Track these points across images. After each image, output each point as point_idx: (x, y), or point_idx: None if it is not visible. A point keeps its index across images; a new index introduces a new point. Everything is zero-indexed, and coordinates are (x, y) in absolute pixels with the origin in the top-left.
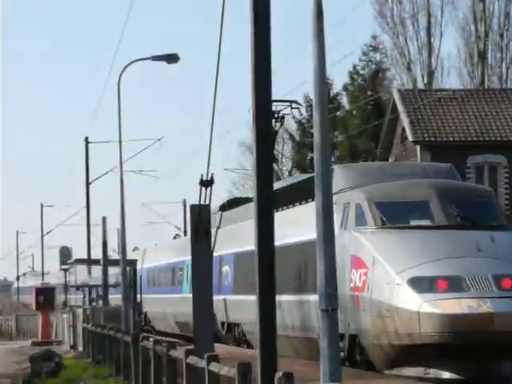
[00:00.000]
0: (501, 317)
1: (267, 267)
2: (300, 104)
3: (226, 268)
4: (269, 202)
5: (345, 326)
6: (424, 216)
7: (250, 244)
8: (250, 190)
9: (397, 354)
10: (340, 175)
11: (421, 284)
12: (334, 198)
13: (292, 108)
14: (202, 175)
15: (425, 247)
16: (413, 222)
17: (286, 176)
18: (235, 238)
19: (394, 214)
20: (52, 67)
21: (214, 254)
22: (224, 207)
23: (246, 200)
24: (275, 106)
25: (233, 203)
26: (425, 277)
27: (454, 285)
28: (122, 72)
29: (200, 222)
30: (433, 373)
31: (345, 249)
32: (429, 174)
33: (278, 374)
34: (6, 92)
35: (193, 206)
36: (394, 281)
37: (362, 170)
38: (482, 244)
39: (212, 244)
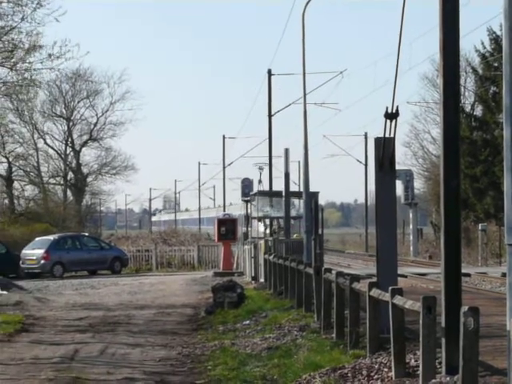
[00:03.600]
0: None
1: (453, 199)
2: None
3: None
4: (456, 131)
5: None
6: None
7: None
8: (431, 122)
9: None
10: None
11: None
12: None
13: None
14: (386, 108)
15: None
16: None
17: (468, 109)
18: None
19: None
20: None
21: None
22: None
23: None
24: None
25: None
26: None
27: None
28: (307, 4)
29: (385, 155)
30: None
31: None
32: None
33: (464, 309)
34: (188, 26)
35: (377, 139)
36: None
37: None
38: None
39: None
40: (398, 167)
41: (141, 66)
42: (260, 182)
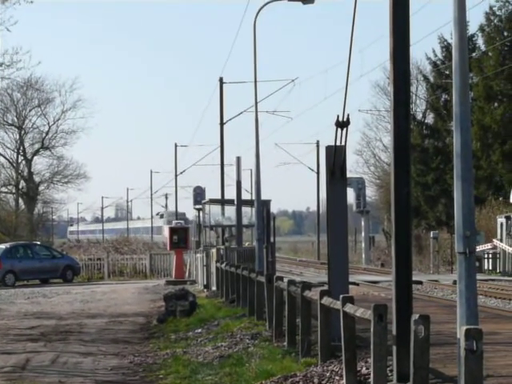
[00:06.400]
0: None
1: (404, 207)
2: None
3: None
4: (406, 139)
5: None
6: None
7: None
8: (383, 130)
9: None
10: None
11: None
12: None
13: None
14: (337, 116)
15: None
16: None
17: (420, 117)
18: None
19: None
20: (187, 9)
21: None
22: None
23: None
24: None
25: None
26: None
27: None
28: (258, 13)
29: (336, 163)
30: None
31: None
32: None
33: (415, 317)
34: (139, 34)
35: (328, 147)
36: None
37: None
38: None
39: None
40: (349, 175)
41: (92, 74)
42: (166, 207)
